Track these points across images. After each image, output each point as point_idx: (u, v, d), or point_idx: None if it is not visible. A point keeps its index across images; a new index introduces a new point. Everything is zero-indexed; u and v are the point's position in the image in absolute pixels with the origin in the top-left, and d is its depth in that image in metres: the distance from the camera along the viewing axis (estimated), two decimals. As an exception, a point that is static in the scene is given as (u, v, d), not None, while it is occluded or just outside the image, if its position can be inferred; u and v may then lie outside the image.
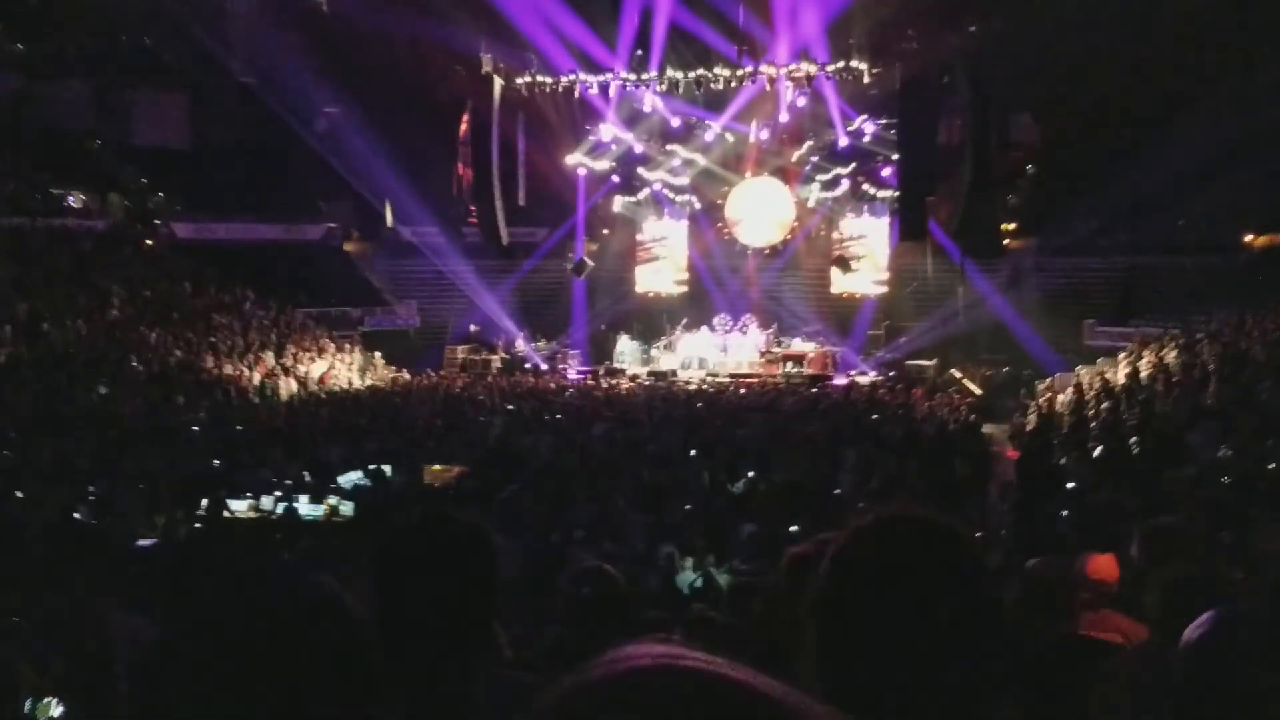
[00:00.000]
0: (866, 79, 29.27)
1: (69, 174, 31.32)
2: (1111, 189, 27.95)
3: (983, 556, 1.39)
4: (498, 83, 30.73)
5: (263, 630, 1.18)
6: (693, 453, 16.34)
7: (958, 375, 27.80)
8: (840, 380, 28.56)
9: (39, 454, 14.79)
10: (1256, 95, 25.21)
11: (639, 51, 29.97)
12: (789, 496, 12.57)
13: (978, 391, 25.94)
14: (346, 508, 13.00)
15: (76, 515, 11.21)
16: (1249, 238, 29.04)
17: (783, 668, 0.92)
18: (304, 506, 12.97)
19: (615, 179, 34.43)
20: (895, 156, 30.59)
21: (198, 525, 11.74)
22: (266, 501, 13.04)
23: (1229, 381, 16.78)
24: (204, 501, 12.65)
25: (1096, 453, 14.74)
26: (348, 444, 17.03)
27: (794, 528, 9.51)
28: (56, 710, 3.05)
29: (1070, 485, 12.70)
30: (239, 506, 12.85)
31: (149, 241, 31.47)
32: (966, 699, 1.28)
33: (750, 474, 14.53)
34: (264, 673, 1.15)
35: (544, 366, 31.37)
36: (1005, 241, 33.27)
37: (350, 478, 14.52)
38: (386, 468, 14.75)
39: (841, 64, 28.85)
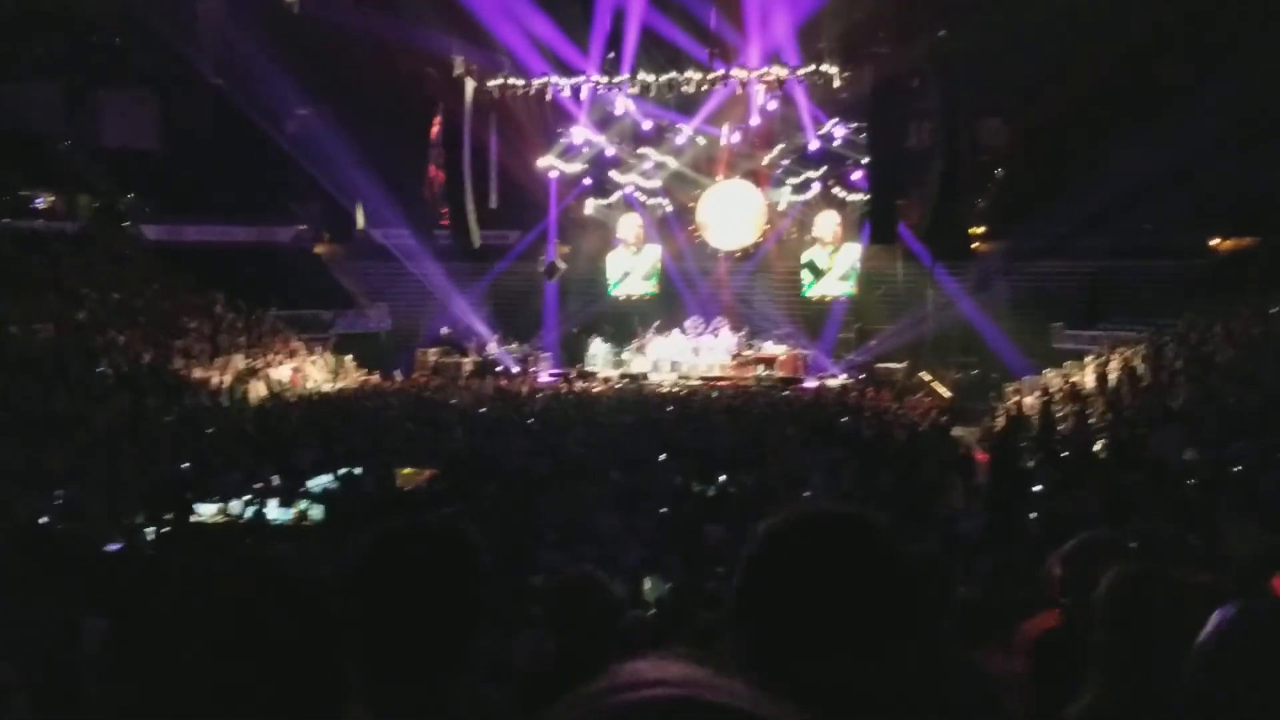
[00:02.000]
0: (837, 83, 29.41)
1: (37, 176, 31.04)
2: (1080, 193, 28.11)
3: (895, 544, 1.42)
4: (469, 85, 30.68)
5: (225, 610, 1.18)
6: (663, 456, 16.32)
7: (928, 378, 27.91)
8: (811, 383, 28.62)
9: (5, 459, 14.64)
10: (1223, 100, 25.44)
11: (611, 54, 30.03)
12: (760, 500, 12.60)
13: (948, 394, 26.06)
14: (316, 511, 12.95)
15: (44, 520, 11.15)
16: (1215, 242, 29.33)
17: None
18: (273, 510, 12.92)
19: (587, 182, 34.34)
20: (866, 160, 30.73)
21: (165, 529, 11.66)
22: (235, 505, 12.97)
23: (1195, 385, 16.93)
24: (172, 505, 12.56)
25: (1064, 455, 14.87)
26: (318, 447, 16.93)
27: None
28: None
29: (1038, 488, 12.80)
30: (207, 510, 12.79)
31: (126, 250, 31.16)
32: (892, 684, 1.31)
33: (721, 477, 14.54)
34: (227, 652, 1.14)
35: (516, 369, 31.31)
36: (974, 245, 33.44)
37: (320, 481, 14.46)
38: (357, 471, 14.70)
39: (812, 68, 28.99)
